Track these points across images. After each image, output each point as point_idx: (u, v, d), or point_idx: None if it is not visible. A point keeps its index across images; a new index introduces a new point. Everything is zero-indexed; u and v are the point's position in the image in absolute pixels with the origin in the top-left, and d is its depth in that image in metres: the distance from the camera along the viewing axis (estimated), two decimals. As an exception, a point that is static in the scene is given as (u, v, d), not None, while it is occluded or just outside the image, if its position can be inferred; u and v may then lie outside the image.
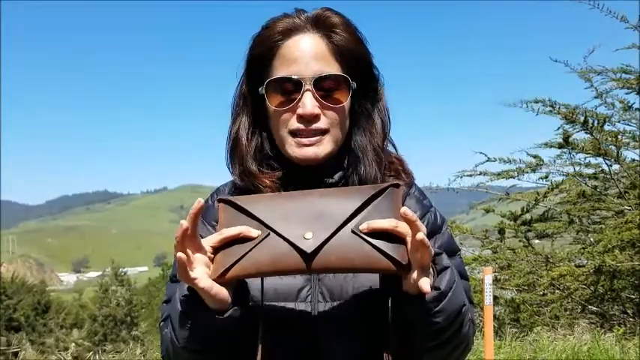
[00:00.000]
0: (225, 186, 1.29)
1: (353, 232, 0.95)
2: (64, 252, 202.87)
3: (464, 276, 1.21)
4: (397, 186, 0.99)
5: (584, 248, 6.56)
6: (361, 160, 1.16)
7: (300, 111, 1.09)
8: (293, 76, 1.10)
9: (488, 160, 7.09)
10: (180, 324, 1.02)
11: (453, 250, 1.22)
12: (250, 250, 0.96)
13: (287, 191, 1.09)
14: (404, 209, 0.92)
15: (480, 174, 7.17)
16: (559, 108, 6.26)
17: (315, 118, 1.10)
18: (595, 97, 6.65)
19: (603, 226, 6.62)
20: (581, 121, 6.00)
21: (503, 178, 7.12)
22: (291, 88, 1.10)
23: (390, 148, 1.24)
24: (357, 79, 1.15)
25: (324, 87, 1.10)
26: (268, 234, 0.96)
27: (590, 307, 6.74)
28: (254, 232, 0.96)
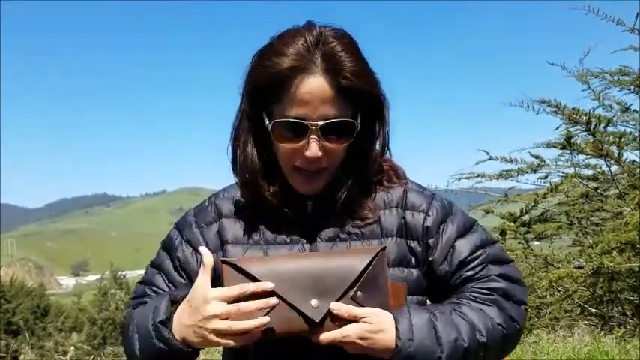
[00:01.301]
0: (224, 191, 1.32)
1: (352, 299, 1.07)
2: (63, 255, 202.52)
3: (489, 241, 1.27)
4: (384, 249, 1.12)
5: (582, 250, 6.56)
6: (353, 187, 1.22)
7: (307, 154, 1.14)
8: (301, 121, 1.13)
9: (490, 158, 7.09)
10: (146, 343, 1.12)
11: (469, 227, 1.26)
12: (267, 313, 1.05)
13: (286, 200, 1.20)
14: (336, 309, 1.05)
15: (478, 176, 7.17)
16: (563, 108, 6.25)
17: (318, 160, 1.15)
18: (593, 100, 6.66)
19: (602, 228, 6.62)
20: (584, 122, 6.00)
21: (502, 178, 7.11)
22: (298, 129, 1.13)
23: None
24: (363, 110, 1.19)
25: (330, 131, 1.14)
26: (278, 302, 1.05)
27: (589, 308, 6.74)
28: (273, 301, 1.04)
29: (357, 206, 1.22)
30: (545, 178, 7.07)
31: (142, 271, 1.31)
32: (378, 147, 1.24)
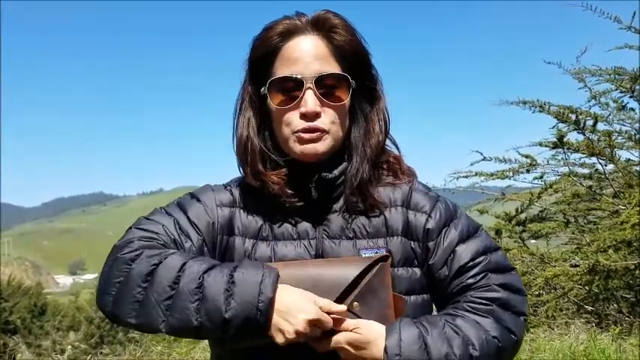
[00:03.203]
0: (231, 184, 1.31)
1: (349, 310, 1.08)
2: (60, 254, 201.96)
3: (491, 248, 1.24)
4: (386, 259, 1.12)
5: (578, 248, 6.58)
6: (357, 159, 1.20)
7: (302, 109, 1.13)
8: (294, 75, 1.13)
9: (484, 159, 7.10)
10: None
11: (472, 232, 1.24)
12: None
13: (291, 188, 1.18)
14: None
15: (476, 174, 7.19)
16: (549, 108, 6.27)
17: (317, 116, 1.14)
18: (589, 99, 6.68)
19: (598, 226, 6.64)
20: (573, 120, 6.01)
21: (498, 178, 7.13)
22: (292, 87, 1.14)
23: (391, 146, 1.27)
24: (357, 79, 1.19)
25: (325, 85, 1.14)
26: None
27: (585, 306, 6.76)
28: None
29: (363, 198, 1.21)
30: (541, 177, 7.09)
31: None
32: (377, 128, 1.23)
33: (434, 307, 1.28)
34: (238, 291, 1.01)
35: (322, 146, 1.15)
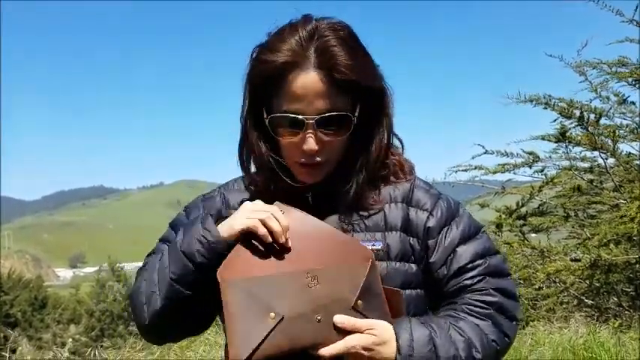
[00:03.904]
0: (234, 182, 1.35)
1: (354, 308, 1.09)
2: (60, 247, 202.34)
3: (491, 251, 1.26)
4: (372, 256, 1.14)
5: (579, 243, 6.58)
6: (353, 180, 1.22)
7: (304, 147, 1.15)
8: (296, 116, 1.14)
9: (486, 152, 7.10)
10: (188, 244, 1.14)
11: (473, 233, 1.25)
12: (268, 334, 1.05)
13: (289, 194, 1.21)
14: (340, 322, 1.07)
15: (476, 168, 7.18)
16: (554, 104, 6.26)
17: (317, 152, 1.16)
18: (590, 91, 6.66)
19: (599, 220, 6.64)
20: (577, 116, 6.01)
21: (499, 172, 7.12)
22: (294, 123, 1.15)
23: (396, 142, 1.28)
24: (363, 101, 1.19)
25: (326, 124, 1.15)
26: (282, 318, 1.06)
27: (585, 300, 6.77)
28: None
29: (361, 198, 1.22)
30: (542, 171, 7.09)
31: (140, 264, 1.31)
32: (381, 140, 1.23)
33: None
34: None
35: (320, 175, 1.20)
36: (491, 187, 7.58)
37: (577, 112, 6.10)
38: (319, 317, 1.06)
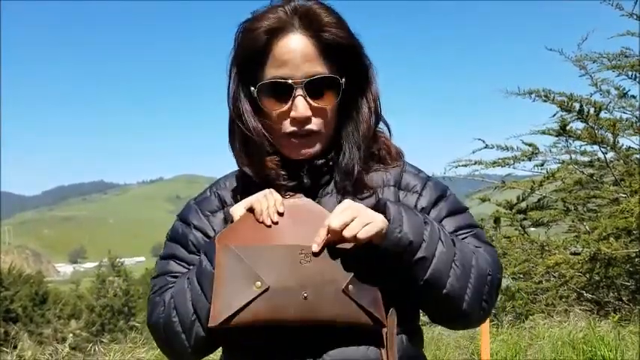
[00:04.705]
0: (225, 180, 1.32)
1: (344, 292, 1.07)
2: (60, 242, 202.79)
3: (476, 225, 1.27)
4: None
5: (578, 236, 6.59)
6: (347, 146, 1.20)
7: (293, 114, 1.13)
8: (284, 80, 1.12)
9: (486, 146, 7.10)
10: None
11: (460, 209, 1.27)
12: (250, 301, 1.05)
13: (284, 172, 1.19)
14: (327, 222, 1.07)
15: (475, 163, 7.18)
16: (554, 97, 6.27)
17: (308, 119, 1.13)
18: (590, 85, 6.66)
19: (599, 214, 6.65)
20: (577, 109, 6.01)
21: (499, 166, 7.13)
22: (282, 90, 1.13)
23: (383, 127, 1.27)
24: (348, 72, 1.17)
25: (315, 87, 1.13)
26: (267, 288, 1.05)
27: (585, 294, 6.78)
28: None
29: (355, 181, 1.21)
30: (542, 165, 7.09)
31: (140, 259, 1.31)
32: (366, 116, 1.21)
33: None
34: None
35: (314, 149, 1.17)
36: (491, 182, 7.58)
37: (577, 106, 6.11)
38: (306, 294, 1.05)
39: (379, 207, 1.11)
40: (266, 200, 1.11)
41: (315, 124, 1.15)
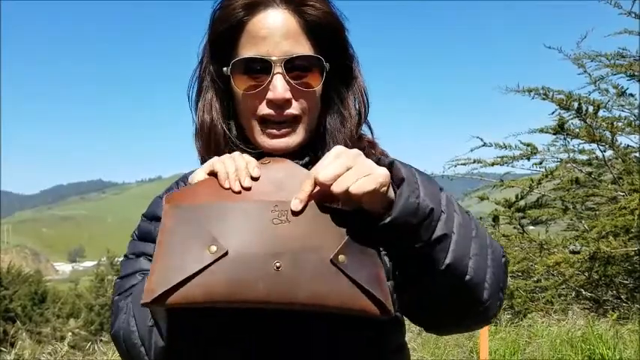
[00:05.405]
0: (185, 179, 1.16)
1: (332, 262, 0.79)
2: (59, 242, 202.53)
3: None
4: None
5: (578, 235, 6.60)
6: (329, 146, 1.03)
7: (270, 95, 0.98)
8: (261, 57, 0.98)
9: (484, 144, 7.10)
10: None
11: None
12: (201, 270, 0.77)
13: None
14: (313, 174, 0.82)
15: (474, 162, 7.18)
16: (552, 95, 6.28)
17: (287, 103, 0.99)
18: (588, 84, 6.67)
19: (597, 213, 6.65)
20: (575, 108, 6.02)
21: (497, 164, 7.13)
22: (259, 69, 0.98)
23: (365, 130, 1.13)
24: (331, 58, 1.03)
25: (296, 68, 0.99)
26: (225, 253, 0.78)
27: (584, 292, 6.79)
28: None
29: None
30: (540, 163, 7.09)
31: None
32: (353, 112, 1.08)
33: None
34: None
35: (294, 140, 1.01)
36: (490, 180, 7.59)
37: (575, 104, 6.12)
38: (279, 264, 0.77)
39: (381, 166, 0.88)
40: (233, 162, 0.89)
41: (295, 108, 1.00)
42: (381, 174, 0.82)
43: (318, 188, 0.83)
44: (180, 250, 0.78)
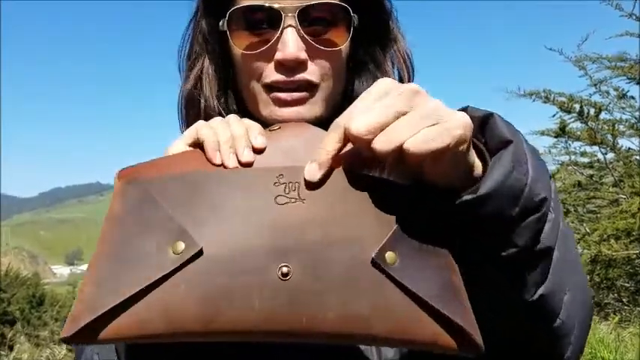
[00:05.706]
0: None
1: (375, 264, 0.49)
2: (57, 244, 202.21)
3: None
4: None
5: (579, 238, 6.59)
6: None
7: (279, 55, 0.73)
8: (268, 5, 0.72)
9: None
10: None
11: None
12: (157, 283, 0.48)
13: None
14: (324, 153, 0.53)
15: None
16: (554, 98, 6.28)
17: (301, 65, 0.74)
18: (589, 86, 6.67)
19: (599, 215, 6.64)
20: (577, 110, 6.02)
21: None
22: (265, 22, 0.74)
23: None
24: (362, 10, 0.78)
25: (314, 21, 0.74)
26: (199, 252, 0.49)
27: (585, 295, 6.79)
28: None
29: None
30: (542, 166, 7.09)
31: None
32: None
33: None
34: None
35: (309, 111, 0.75)
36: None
37: (577, 107, 6.11)
38: (286, 269, 0.48)
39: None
40: (227, 127, 0.59)
41: (311, 72, 0.74)
42: (460, 123, 0.50)
43: (350, 146, 0.53)
44: (128, 250, 0.51)
